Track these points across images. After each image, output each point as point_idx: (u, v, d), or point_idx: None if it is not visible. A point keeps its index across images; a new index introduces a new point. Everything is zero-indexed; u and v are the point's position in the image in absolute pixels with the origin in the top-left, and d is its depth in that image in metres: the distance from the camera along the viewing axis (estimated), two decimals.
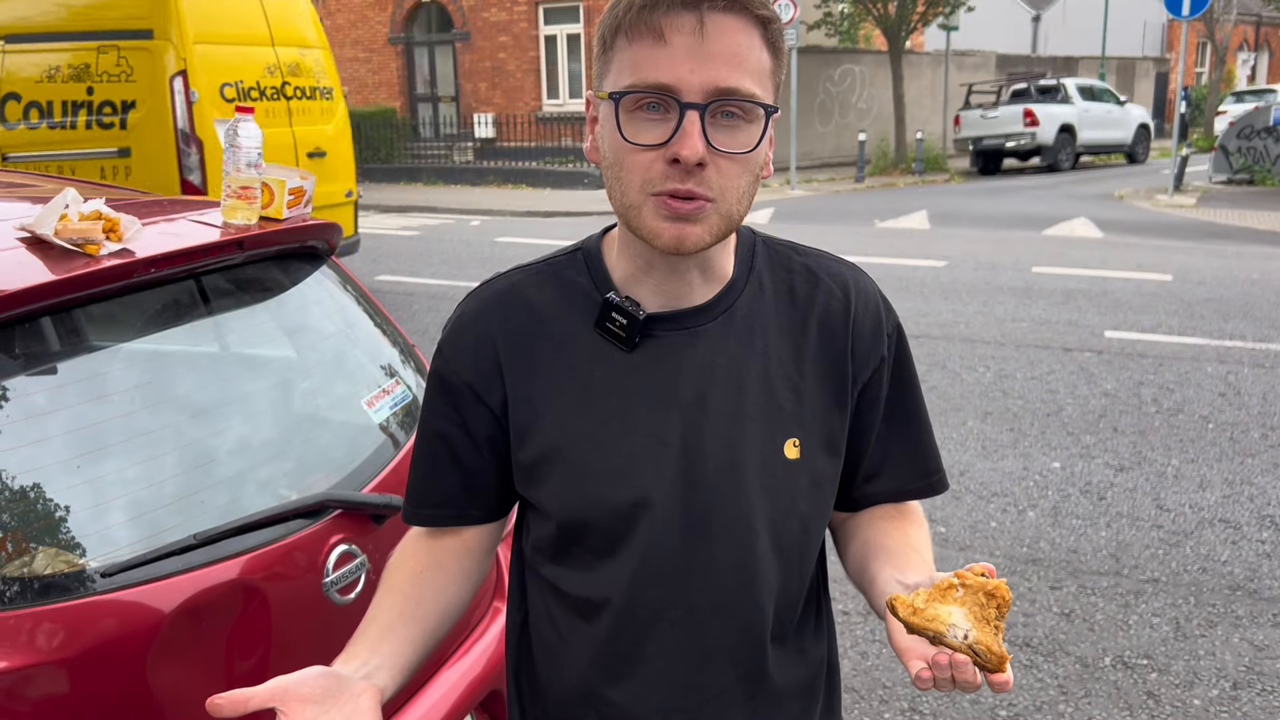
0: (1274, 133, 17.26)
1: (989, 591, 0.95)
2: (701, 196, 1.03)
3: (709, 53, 1.00)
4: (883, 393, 1.22)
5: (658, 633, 1.15)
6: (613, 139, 1.05)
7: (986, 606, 0.95)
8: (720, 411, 1.12)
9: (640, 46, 1.02)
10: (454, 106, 23.28)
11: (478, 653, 2.04)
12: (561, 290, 1.16)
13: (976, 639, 0.93)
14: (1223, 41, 29.57)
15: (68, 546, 1.47)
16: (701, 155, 1.00)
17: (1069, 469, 4.90)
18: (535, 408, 1.14)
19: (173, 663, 1.45)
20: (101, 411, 1.61)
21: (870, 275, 1.26)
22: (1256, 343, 7.07)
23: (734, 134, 1.03)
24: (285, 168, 1.89)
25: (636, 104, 1.02)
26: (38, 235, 1.53)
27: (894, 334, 1.22)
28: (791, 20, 18.15)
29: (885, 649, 3.37)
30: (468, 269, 10.60)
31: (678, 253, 1.06)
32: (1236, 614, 3.55)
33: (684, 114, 1.00)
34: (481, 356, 1.16)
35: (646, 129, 1.02)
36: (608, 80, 1.05)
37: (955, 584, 0.96)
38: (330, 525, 1.68)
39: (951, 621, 0.94)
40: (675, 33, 1.00)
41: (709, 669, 1.17)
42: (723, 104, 1.01)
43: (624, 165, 1.04)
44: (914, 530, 1.23)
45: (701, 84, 1.00)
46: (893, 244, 11.80)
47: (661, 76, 1.00)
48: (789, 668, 1.22)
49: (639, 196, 1.04)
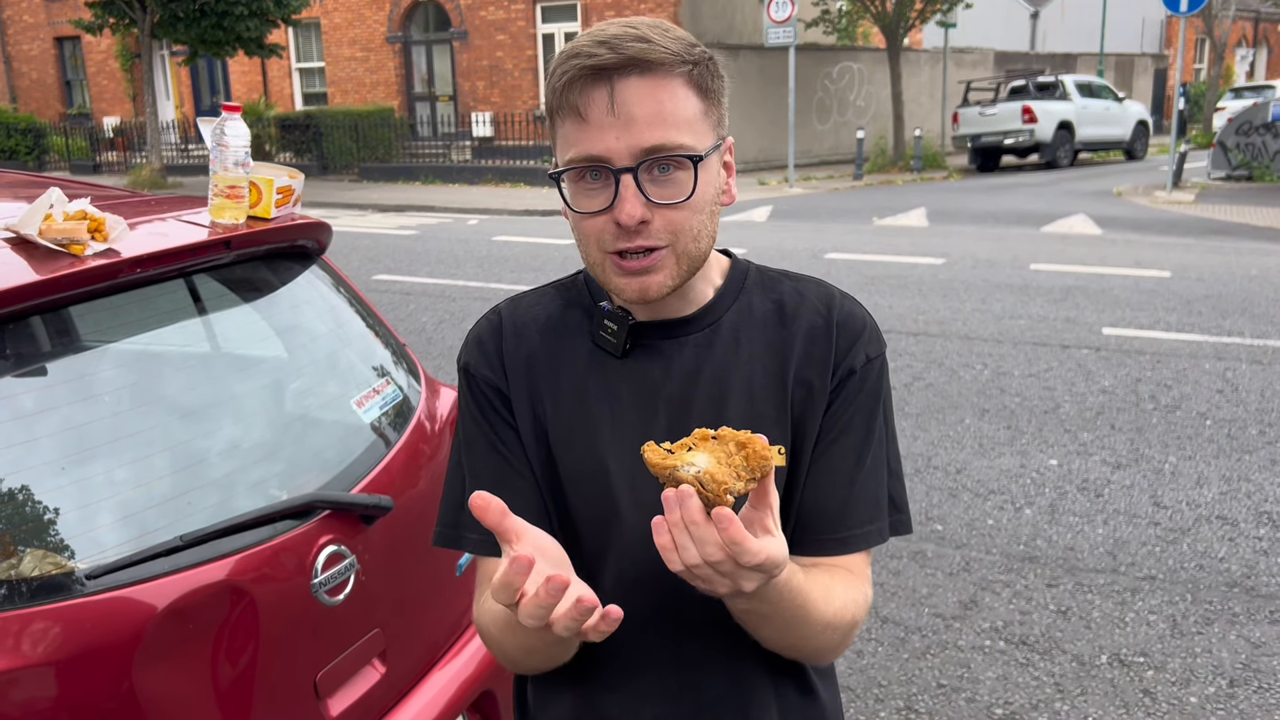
0: (1272, 129, 17.25)
1: (741, 442, 0.93)
2: (654, 248, 1.09)
3: (628, 119, 1.06)
4: (843, 420, 1.16)
5: (646, 642, 1.16)
6: (566, 210, 1.13)
7: (735, 455, 0.93)
8: (704, 416, 1.15)
9: (570, 125, 1.09)
10: (451, 105, 23.27)
11: (470, 653, 2.03)
12: (563, 306, 1.24)
13: (704, 471, 0.91)
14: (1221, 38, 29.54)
15: (56, 548, 1.46)
16: (641, 216, 1.07)
17: (1066, 466, 4.89)
18: (535, 414, 1.19)
19: (160, 664, 1.45)
20: (90, 412, 1.60)
21: (864, 305, 1.24)
22: (1254, 339, 7.06)
23: (670, 185, 1.09)
24: (274, 166, 1.88)
25: (578, 177, 1.10)
26: (22, 235, 1.52)
27: (874, 359, 1.18)
28: (789, 18, 18.15)
29: (881, 648, 3.36)
30: (465, 268, 10.59)
31: (644, 301, 1.12)
32: (1233, 611, 3.54)
33: (618, 180, 1.07)
34: (496, 365, 1.21)
35: (590, 198, 1.10)
36: (556, 156, 1.13)
37: (710, 434, 0.94)
38: (319, 526, 1.67)
39: (691, 460, 0.92)
40: (591, 108, 1.06)
41: (700, 676, 1.18)
42: (652, 161, 1.07)
43: (580, 231, 1.12)
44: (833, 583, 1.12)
45: (628, 148, 1.06)
46: (891, 241, 11.79)
47: (590, 149, 1.07)
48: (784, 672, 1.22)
49: (599, 255, 1.12)
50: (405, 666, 1.87)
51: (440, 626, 2.02)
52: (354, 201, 17.57)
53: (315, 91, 25.50)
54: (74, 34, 26.48)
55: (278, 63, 24.75)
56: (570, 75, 1.06)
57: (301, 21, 22.53)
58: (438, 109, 23.64)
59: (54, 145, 25.72)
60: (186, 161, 23.34)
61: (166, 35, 19.68)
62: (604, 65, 1.05)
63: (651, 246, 1.09)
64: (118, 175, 22.43)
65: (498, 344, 1.22)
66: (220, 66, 26.02)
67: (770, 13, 18.35)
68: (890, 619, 3.53)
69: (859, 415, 1.17)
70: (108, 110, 28.00)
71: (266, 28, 19.71)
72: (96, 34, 20.80)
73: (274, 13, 19.48)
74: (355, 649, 1.73)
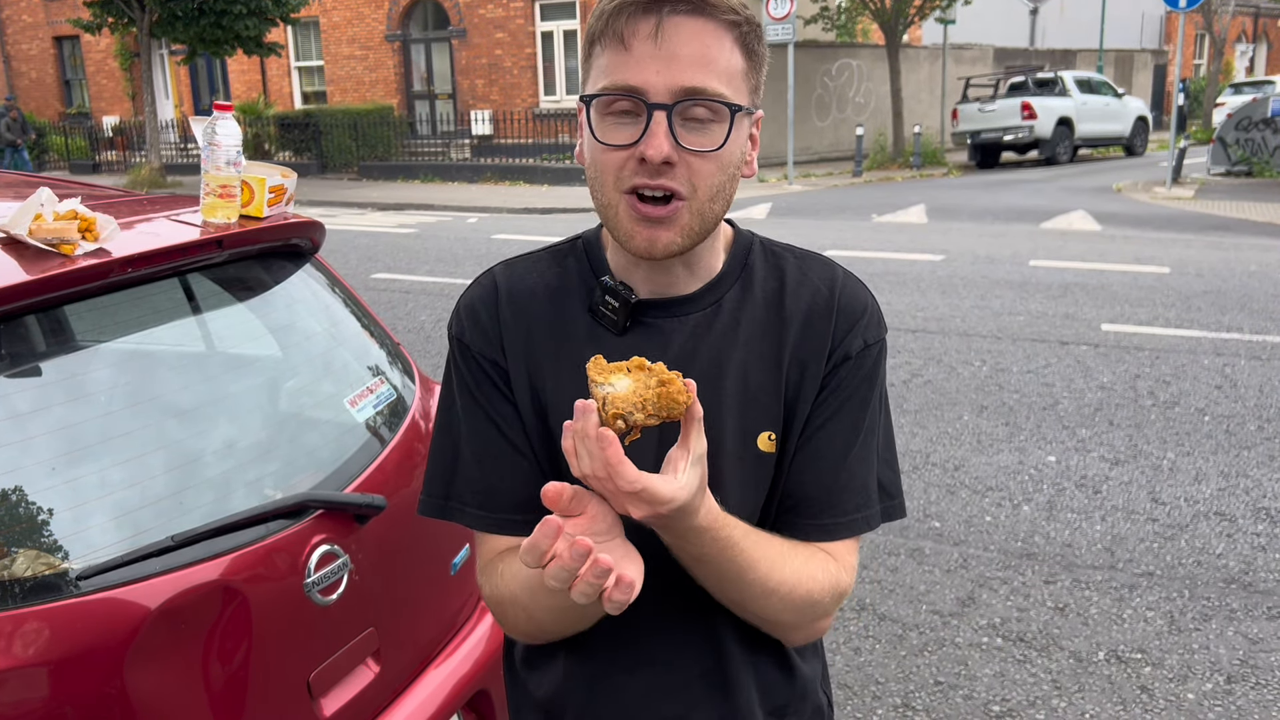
0: (1272, 124, 17.24)
1: (663, 380, 0.96)
2: (673, 191, 1.06)
3: (672, 54, 1.03)
4: (836, 404, 1.15)
5: (634, 620, 1.14)
6: (588, 141, 1.10)
7: (651, 389, 0.96)
8: (699, 398, 1.12)
9: (610, 53, 1.06)
10: (451, 103, 23.26)
11: (464, 652, 2.03)
12: (561, 275, 1.20)
13: (615, 394, 0.95)
14: (1221, 33, 29.52)
15: (48, 548, 1.46)
16: (667, 154, 1.04)
17: (1064, 463, 4.89)
18: (533, 386, 1.17)
19: (153, 664, 1.44)
20: (83, 412, 1.60)
21: (867, 284, 1.23)
22: (1253, 335, 7.06)
23: (702, 133, 1.06)
24: (266, 165, 1.87)
25: (608, 107, 1.06)
26: (12, 235, 1.52)
27: (872, 344, 1.18)
28: (788, 15, 18.14)
29: (879, 645, 3.36)
30: (464, 266, 10.59)
31: (649, 256, 1.09)
32: (1231, 607, 3.54)
33: (651, 115, 1.04)
34: (492, 335, 1.18)
35: (617, 130, 1.06)
36: (588, 85, 1.10)
37: (647, 365, 0.98)
38: (312, 525, 1.67)
39: (611, 382, 0.96)
40: (637, 38, 1.04)
41: (685, 657, 1.18)
42: (690, 104, 1.04)
43: (599, 165, 1.08)
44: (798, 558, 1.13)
45: (667, 85, 1.03)
46: (890, 238, 11.79)
47: (629, 79, 1.04)
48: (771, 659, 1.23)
49: (614, 195, 1.08)
50: (399, 666, 1.87)
51: (434, 625, 2.02)
52: (353, 200, 17.57)
53: (314, 90, 25.49)
54: (73, 33, 26.47)
55: (277, 61, 24.74)
56: (620, 2, 1.04)
57: (300, 20, 22.52)
58: (437, 107, 23.63)
59: (53, 144, 25.72)
60: (186, 160, 23.33)
61: (165, 34, 19.68)
62: None
63: (671, 190, 1.06)
64: (117, 175, 22.43)
65: (494, 314, 1.18)
66: (219, 65, 26.02)
67: (769, 10, 18.34)
68: (888, 616, 3.53)
69: (851, 401, 1.16)
70: (107, 110, 28.00)
71: (265, 26, 19.71)
72: (95, 33, 20.80)
73: (273, 11, 19.48)
74: (349, 648, 1.72)
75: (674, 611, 1.17)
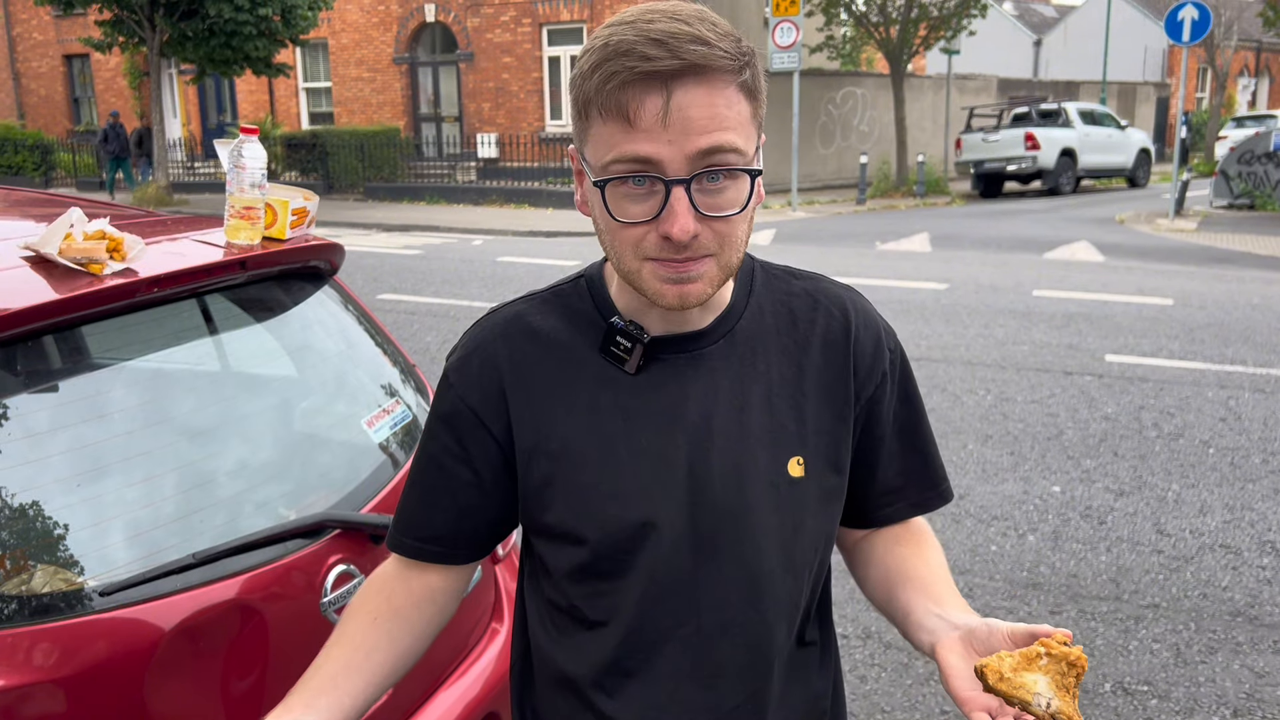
0: (1274, 158, 17.32)
1: (1070, 661, 0.99)
2: (701, 257, 1.05)
3: (684, 125, 0.99)
4: (889, 410, 1.24)
5: (667, 653, 1.15)
6: (603, 217, 1.07)
7: (1066, 675, 0.98)
8: (725, 433, 1.14)
9: (613, 127, 1.01)
10: (457, 126, 23.39)
11: (475, 674, 2.03)
12: (567, 317, 1.18)
13: (1059, 709, 0.98)
14: (1223, 67, 29.70)
15: (66, 565, 1.47)
16: (693, 231, 1.02)
17: (1069, 493, 4.89)
18: (541, 431, 1.15)
19: (170, 682, 1.45)
20: (102, 430, 1.61)
21: (867, 297, 1.28)
22: (1257, 368, 7.07)
23: (722, 196, 1.03)
24: (289, 188, 1.90)
25: (620, 181, 1.02)
26: (42, 255, 1.54)
27: (895, 351, 1.25)
28: (794, 43, 18.27)
29: (884, 673, 3.36)
30: (470, 288, 10.62)
31: (682, 309, 1.09)
32: (1237, 640, 3.53)
33: (669, 191, 1.01)
34: (487, 381, 1.16)
35: (634, 206, 1.03)
36: (587, 150, 1.05)
37: (1041, 653, 0.99)
38: (329, 545, 1.68)
39: (1037, 690, 0.98)
40: (643, 114, 0.99)
41: (719, 688, 1.17)
42: (707, 170, 1.01)
43: (617, 239, 1.06)
44: (932, 555, 1.26)
45: (683, 154, 1.00)
46: (894, 266, 11.82)
47: (640, 150, 1.00)
48: (799, 687, 1.23)
49: (636, 262, 1.06)
50: (410, 687, 1.87)
51: (446, 648, 2.02)
52: (359, 221, 17.63)
53: (322, 111, 25.64)
54: (83, 52, 26.66)
55: (285, 82, 24.90)
56: (623, 78, 0.98)
57: (309, 41, 22.70)
58: (443, 130, 23.75)
59: (61, 161, 25.85)
60: (192, 179, 23.45)
61: (175, 54, 19.82)
62: (661, 71, 0.98)
63: (699, 255, 1.04)
64: (123, 192, 22.53)
65: (494, 365, 1.17)
66: (228, 85, 26.18)
67: (775, 38, 18.48)
68: (894, 645, 3.53)
69: (906, 402, 1.26)
70: None
71: (274, 47, 19.85)
72: (106, 52, 20.95)
73: (282, 33, 19.63)
74: None
75: (715, 652, 1.17)
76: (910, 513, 1.28)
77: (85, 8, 19.43)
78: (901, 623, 1.18)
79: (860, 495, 1.26)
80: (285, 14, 19.34)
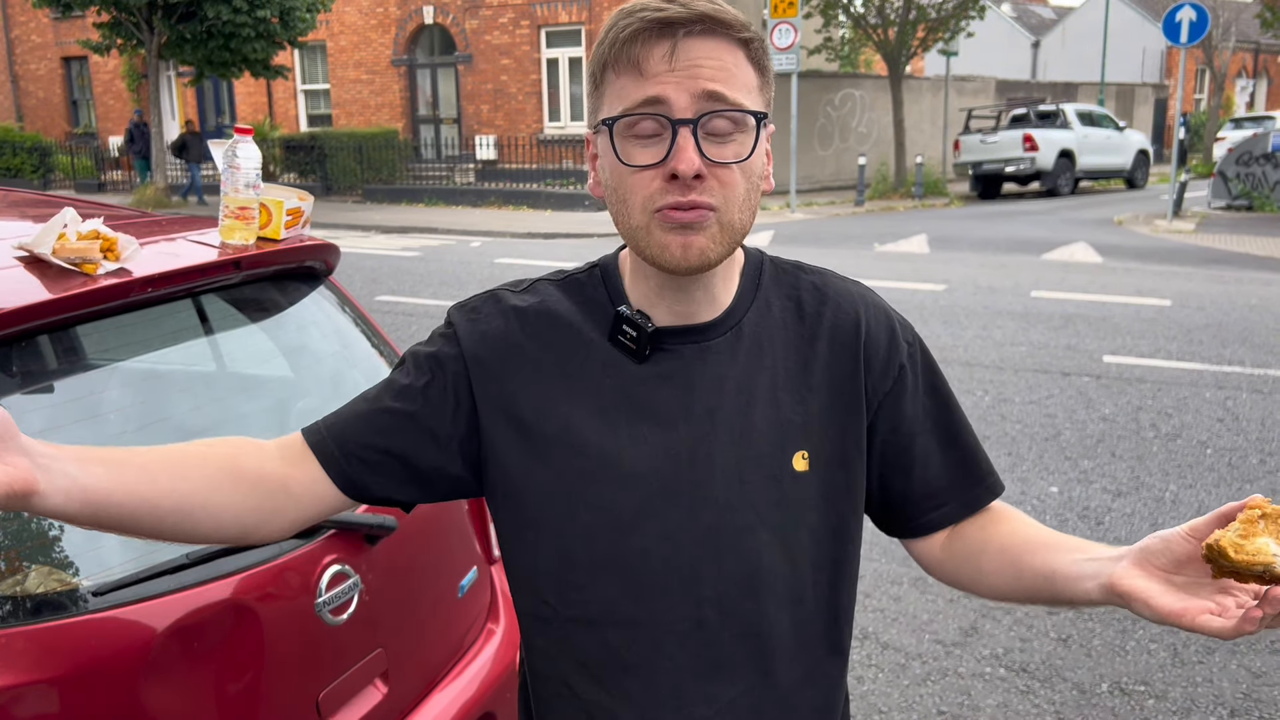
0: (1272, 159, 17.34)
1: None
2: (704, 205, 1.05)
3: (691, 66, 1.04)
4: (917, 405, 1.21)
5: (666, 647, 1.15)
6: (612, 165, 1.09)
7: None
8: (728, 424, 1.13)
9: (626, 78, 1.06)
10: (456, 128, 23.39)
11: (471, 674, 2.03)
12: (579, 302, 1.19)
13: None
14: (1221, 68, 29.73)
15: (61, 565, 1.47)
16: (698, 168, 1.04)
17: (1067, 494, 4.89)
18: (542, 410, 1.15)
19: (165, 682, 1.45)
20: (97, 430, 1.61)
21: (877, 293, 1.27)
22: (1255, 368, 7.08)
23: (727, 145, 1.06)
24: (283, 188, 1.90)
25: (629, 129, 1.06)
26: (36, 254, 1.54)
27: (914, 344, 1.23)
28: (792, 45, 18.28)
29: (881, 674, 3.36)
30: (468, 289, 10.62)
31: (684, 267, 1.08)
32: (1234, 641, 3.53)
33: (676, 131, 1.04)
34: (494, 341, 1.17)
35: (642, 151, 1.06)
36: (601, 113, 1.09)
37: (1256, 516, 0.95)
38: (323, 545, 1.68)
39: (1274, 551, 0.93)
40: (652, 60, 1.04)
41: (718, 681, 1.16)
42: (712, 115, 1.04)
43: (625, 188, 1.08)
44: (1033, 521, 1.24)
45: (689, 95, 1.04)
46: (892, 267, 11.83)
47: (648, 93, 1.04)
48: (802, 684, 1.20)
49: (643, 216, 1.07)
50: (407, 687, 1.87)
51: (442, 647, 2.02)
52: (357, 223, 17.63)
53: (320, 113, 25.65)
54: (81, 54, 26.66)
55: (283, 84, 24.91)
56: (634, 28, 1.04)
57: (307, 44, 22.70)
58: (442, 132, 23.76)
59: (59, 164, 25.85)
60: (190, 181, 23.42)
61: (173, 56, 19.83)
62: (672, 19, 1.03)
63: (701, 203, 1.05)
64: (122, 194, 22.53)
65: (502, 333, 1.17)
66: (226, 87, 26.18)
67: (773, 40, 18.49)
68: (890, 645, 3.53)
69: (934, 394, 1.23)
70: (113, 129, 28.13)
71: (273, 49, 19.86)
72: (104, 54, 20.95)
73: (280, 35, 19.63)
74: (358, 669, 1.73)
75: (713, 646, 1.16)
76: (962, 514, 1.24)
77: (83, 10, 19.43)
78: (1046, 588, 1.13)
79: (901, 500, 1.23)
80: (283, 16, 19.35)
